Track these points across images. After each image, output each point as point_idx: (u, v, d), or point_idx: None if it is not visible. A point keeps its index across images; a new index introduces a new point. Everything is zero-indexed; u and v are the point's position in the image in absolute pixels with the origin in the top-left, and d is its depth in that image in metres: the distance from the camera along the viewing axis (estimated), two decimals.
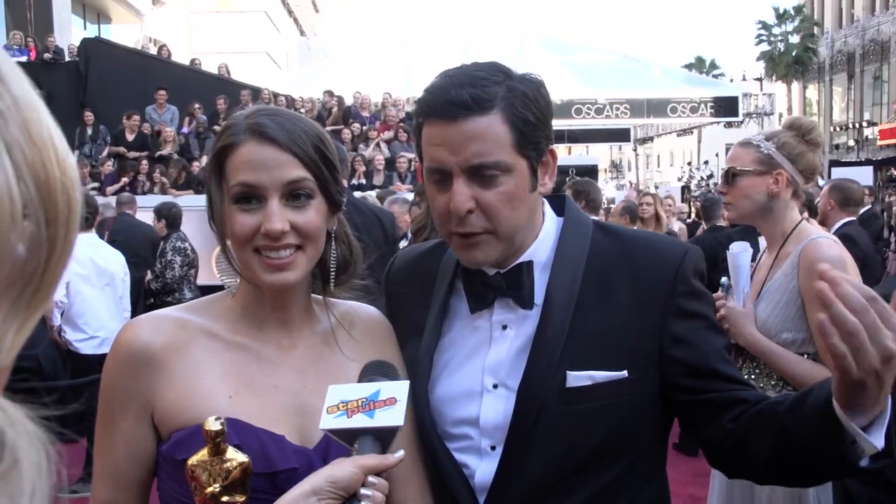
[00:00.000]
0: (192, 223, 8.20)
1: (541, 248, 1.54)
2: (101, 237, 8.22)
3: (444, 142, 1.42)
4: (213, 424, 1.29)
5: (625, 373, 1.45)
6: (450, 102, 1.40)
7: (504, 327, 1.53)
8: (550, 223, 1.57)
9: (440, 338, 1.59)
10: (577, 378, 1.44)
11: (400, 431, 1.26)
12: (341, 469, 1.19)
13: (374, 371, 1.34)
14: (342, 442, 1.27)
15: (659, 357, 1.48)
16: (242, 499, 1.32)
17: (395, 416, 1.24)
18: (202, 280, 8.13)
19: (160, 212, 7.67)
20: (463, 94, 1.39)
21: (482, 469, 1.49)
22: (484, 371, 1.51)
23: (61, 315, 6.13)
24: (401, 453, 1.24)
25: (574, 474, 1.46)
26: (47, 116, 0.54)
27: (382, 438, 1.24)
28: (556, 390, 1.44)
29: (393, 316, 1.67)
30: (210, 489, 1.30)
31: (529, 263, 1.52)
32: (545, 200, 1.60)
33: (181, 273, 7.40)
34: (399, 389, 1.27)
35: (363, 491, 1.18)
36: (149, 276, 7.46)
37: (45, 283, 0.54)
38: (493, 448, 1.48)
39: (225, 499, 1.31)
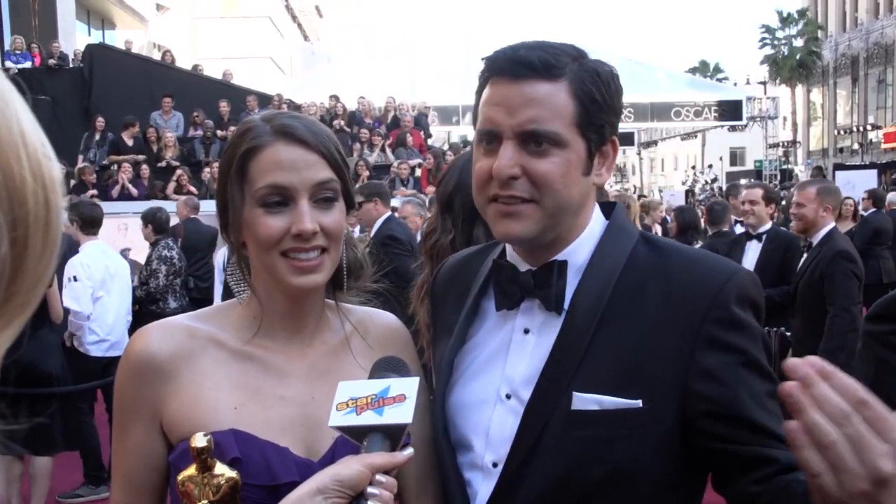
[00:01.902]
0: None
1: (579, 249, 1.40)
2: (176, 243, 8.15)
3: (502, 101, 1.32)
4: (198, 441, 1.27)
5: (639, 402, 1.28)
6: (516, 61, 1.31)
7: (526, 331, 1.41)
8: (596, 225, 1.43)
9: (465, 341, 1.49)
10: (583, 401, 1.30)
11: (411, 431, 1.24)
12: (348, 468, 1.16)
13: (385, 367, 1.31)
14: (352, 439, 1.24)
15: (683, 391, 1.28)
16: None
17: (404, 413, 1.21)
18: None
19: (146, 217, 7.39)
20: (532, 55, 1.31)
21: (484, 489, 1.38)
22: (501, 379, 1.41)
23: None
24: (409, 451, 1.22)
25: None
26: (21, 114, 0.51)
27: (392, 436, 1.21)
28: (561, 411, 1.31)
29: (434, 320, 1.61)
30: None
31: (564, 263, 1.38)
32: (596, 204, 1.46)
33: (165, 283, 7.18)
34: (408, 386, 1.24)
35: (370, 490, 1.15)
36: (135, 281, 7.23)
37: (18, 289, 0.51)
38: (494, 465, 1.37)
39: None
